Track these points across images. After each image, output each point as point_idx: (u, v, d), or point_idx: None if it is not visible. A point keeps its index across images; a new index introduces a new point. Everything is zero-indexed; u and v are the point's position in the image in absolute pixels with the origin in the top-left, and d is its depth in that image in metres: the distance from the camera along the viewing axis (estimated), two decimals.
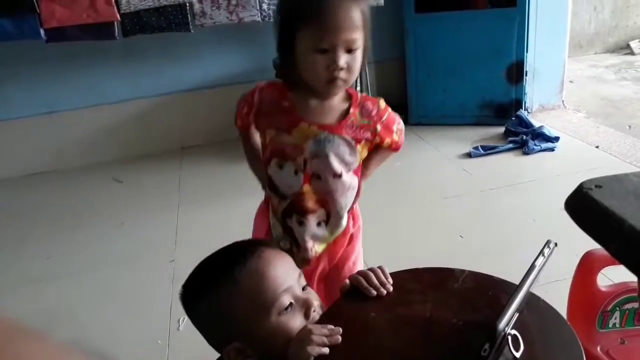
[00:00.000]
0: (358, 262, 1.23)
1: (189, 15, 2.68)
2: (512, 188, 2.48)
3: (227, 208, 2.46)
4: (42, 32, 2.56)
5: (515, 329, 0.66)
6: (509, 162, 2.76)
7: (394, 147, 1.14)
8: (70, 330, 1.75)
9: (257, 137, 1.18)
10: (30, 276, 2.15)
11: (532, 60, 3.18)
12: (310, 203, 1.10)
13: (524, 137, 2.87)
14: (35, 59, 3.03)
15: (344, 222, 1.16)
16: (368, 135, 1.08)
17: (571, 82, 3.95)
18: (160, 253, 2.18)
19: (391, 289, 0.83)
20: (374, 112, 1.08)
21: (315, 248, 1.14)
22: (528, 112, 3.21)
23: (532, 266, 0.71)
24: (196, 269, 0.85)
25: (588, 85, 4.10)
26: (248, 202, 1.28)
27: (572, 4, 3.32)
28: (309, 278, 1.11)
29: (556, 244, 0.74)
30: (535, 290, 0.73)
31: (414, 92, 3.30)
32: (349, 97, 1.08)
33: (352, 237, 1.20)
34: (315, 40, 0.95)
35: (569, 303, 1.13)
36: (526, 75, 3.14)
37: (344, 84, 1.01)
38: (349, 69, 0.98)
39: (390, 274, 0.85)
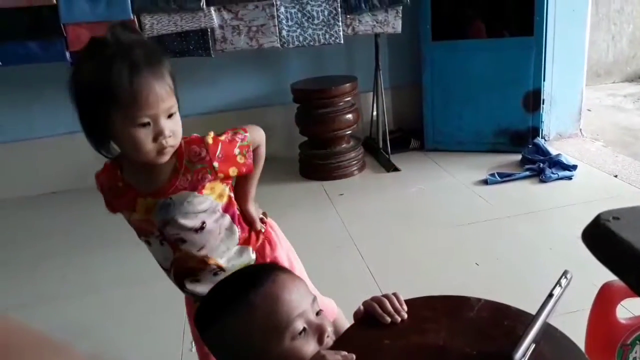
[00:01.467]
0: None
1: (210, 41, 2.74)
2: (528, 216, 2.46)
3: None
4: (67, 55, 2.64)
5: None
6: (525, 189, 2.74)
7: (245, 171, 1.08)
8: (84, 348, 1.75)
9: None
10: (46, 294, 2.17)
11: (550, 89, 3.18)
12: (192, 263, 1.09)
13: (541, 165, 2.85)
14: (59, 81, 3.10)
15: (243, 258, 1.11)
16: (208, 176, 1.02)
17: (589, 110, 3.92)
18: None
19: (405, 316, 0.82)
20: (203, 154, 1.01)
21: None
22: (545, 140, 3.20)
23: (549, 296, 0.70)
24: (211, 291, 0.86)
25: (606, 113, 4.07)
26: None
27: (590, 33, 3.33)
28: None
29: (569, 276, 0.74)
30: (552, 321, 0.72)
31: (430, 119, 3.31)
32: (174, 151, 1.00)
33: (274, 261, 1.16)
34: (135, 117, 0.90)
35: (587, 335, 1.10)
36: (543, 103, 3.14)
37: (172, 149, 0.97)
38: (174, 134, 0.95)
39: (405, 301, 0.85)
